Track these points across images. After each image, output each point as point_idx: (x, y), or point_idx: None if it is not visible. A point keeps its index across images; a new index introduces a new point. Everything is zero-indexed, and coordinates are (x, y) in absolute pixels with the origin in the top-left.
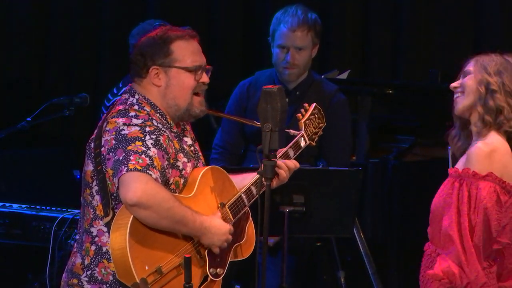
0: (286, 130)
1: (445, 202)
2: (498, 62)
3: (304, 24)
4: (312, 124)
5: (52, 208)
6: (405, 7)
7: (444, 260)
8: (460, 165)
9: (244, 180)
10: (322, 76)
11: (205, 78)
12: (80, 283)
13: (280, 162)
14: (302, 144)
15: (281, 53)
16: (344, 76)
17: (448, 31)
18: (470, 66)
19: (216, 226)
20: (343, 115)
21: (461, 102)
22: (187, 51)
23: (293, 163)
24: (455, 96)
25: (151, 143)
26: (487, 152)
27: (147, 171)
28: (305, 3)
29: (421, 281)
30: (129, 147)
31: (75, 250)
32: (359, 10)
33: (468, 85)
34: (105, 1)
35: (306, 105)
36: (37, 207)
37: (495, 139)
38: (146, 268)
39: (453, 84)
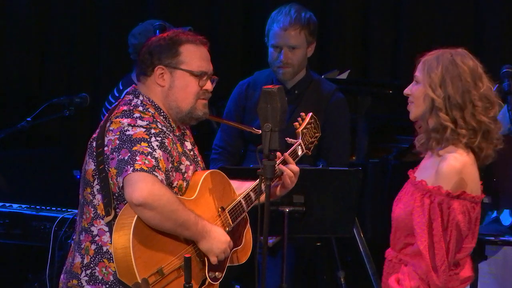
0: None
1: (410, 213)
2: (444, 66)
3: (297, 23)
4: (309, 134)
5: (52, 208)
6: (405, 7)
7: (413, 277)
8: (423, 175)
9: (244, 185)
10: (322, 76)
11: (208, 86)
12: (79, 283)
13: (284, 167)
14: (300, 152)
15: (274, 52)
16: (344, 76)
17: (448, 31)
18: (418, 72)
19: (217, 232)
20: (342, 114)
21: (412, 111)
22: (194, 55)
23: (296, 168)
24: (408, 103)
25: (157, 145)
26: (458, 169)
27: (153, 172)
28: (305, 2)
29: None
30: (135, 148)
31: (72, 249)
32: (359, 10)
33: (416, 97)
34: (105, 1)
35: (302, 114)
36: (37, 207)
37: (458, 153)
38: (151, 266)
39: (406, 91)
